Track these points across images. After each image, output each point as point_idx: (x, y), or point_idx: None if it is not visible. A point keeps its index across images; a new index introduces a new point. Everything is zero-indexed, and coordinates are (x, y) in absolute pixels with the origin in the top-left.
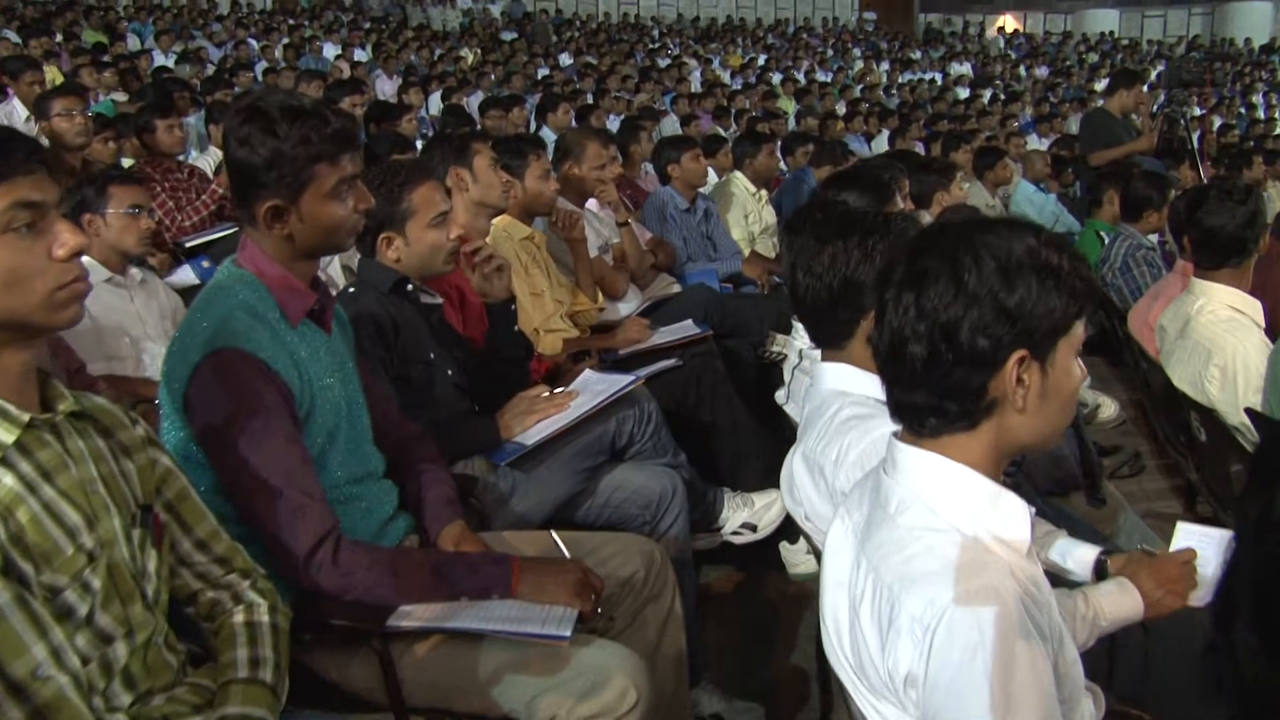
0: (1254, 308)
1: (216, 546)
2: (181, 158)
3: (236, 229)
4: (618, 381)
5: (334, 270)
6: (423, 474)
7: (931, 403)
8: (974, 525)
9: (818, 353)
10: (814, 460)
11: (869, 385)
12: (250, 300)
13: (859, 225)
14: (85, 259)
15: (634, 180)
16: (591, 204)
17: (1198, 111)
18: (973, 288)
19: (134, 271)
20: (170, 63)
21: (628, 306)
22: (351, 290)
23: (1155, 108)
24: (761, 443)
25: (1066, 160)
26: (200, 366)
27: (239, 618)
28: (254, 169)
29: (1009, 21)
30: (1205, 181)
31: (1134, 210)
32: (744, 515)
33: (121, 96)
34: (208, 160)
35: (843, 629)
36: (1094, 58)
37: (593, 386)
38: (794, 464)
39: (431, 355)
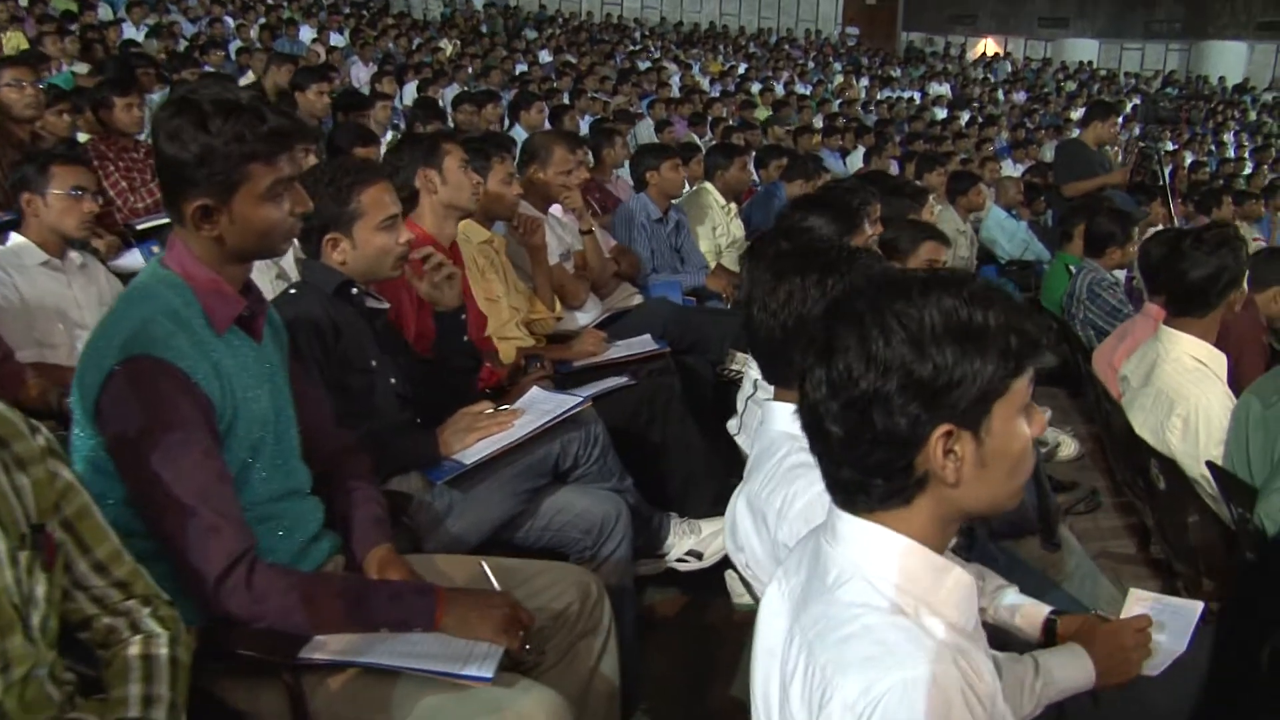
0: (1218, 360)
1: (117, 569)
2: (141, 136)
3: None
4: (565, 402)
5: (287, 263)
6: (353, 491)
7: (857, 480)
8: (916, 603)
9: (772, 388)
10: (758, 507)
11: None
12: (174, 304)
13: (818, 261)
14: (20, 239)
15: (604, 184)
16: (555, 209)
17: (1170, 147)
18: (882, 361)
19: (73, 255)
20: (140, 36)
21: (586, 316)
22: (293, 291)
23: (1124, 137)
24: (712, 468)
25: (1039, 188)
26: (114, 373)
27: (134, 649)
28: (183, 165)
29: (990, 45)
30: (1176, 218)
31: (1096, 246)
32: (690, 542)
33: (84, 68)
34: None
35: (772, 704)
36: (1072, 86)
37: (539, 405)
38: (738, 507)
39: (373, 363)
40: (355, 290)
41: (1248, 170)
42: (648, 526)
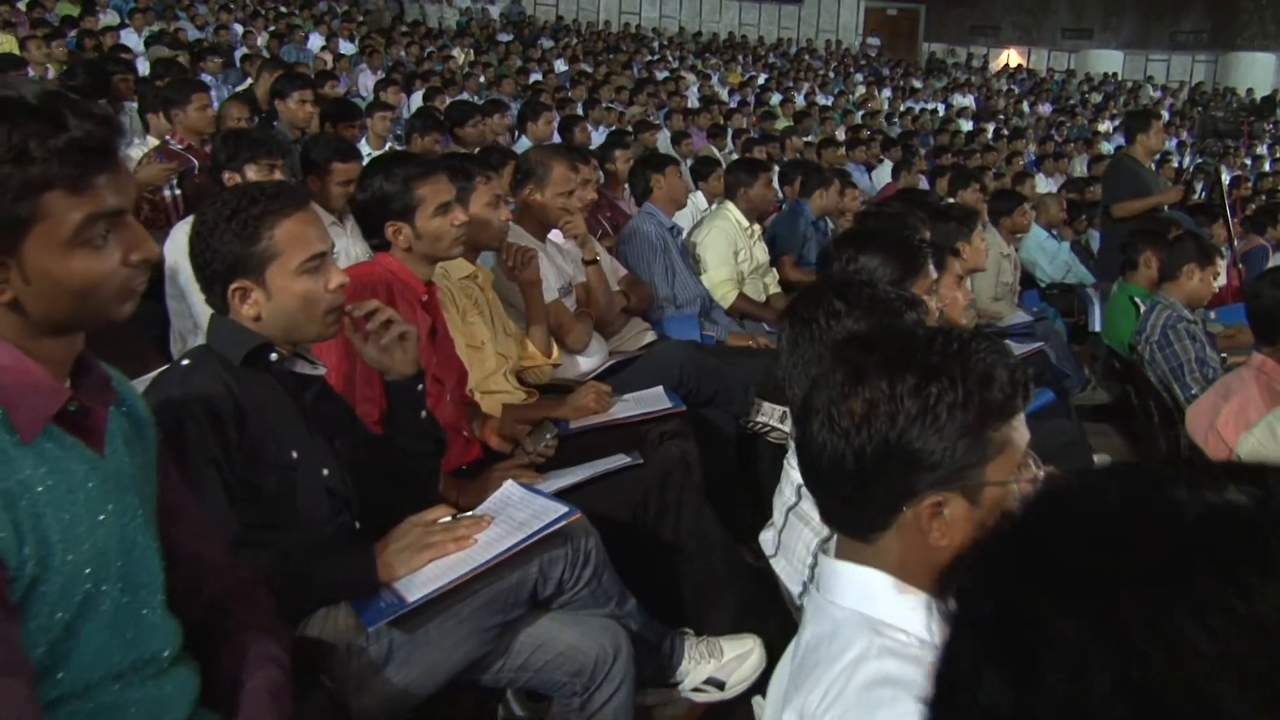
0: None
1: None
2: (127, 144)
3: None
4: (546, 512)
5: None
6: (246, 648)
7: None
8: None
9: (834, 535)
10: None
11: (914, 614)
12: None
13: (913, 360)
14: None
15: (616, 202)
16: (555, 235)
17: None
18: None
19: None
20: (140, 42)
21: (590, 361)
22: (186, 363)
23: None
24: (736, 569)
25: (1078, 205)
26: None
27: None
28: None
29: (1013, 56)
30: (1235, 239)
31: (1172, 266)
32: (709, 669)
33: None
34: (137, 152)
35: None
36: (1097, 98)
37: (512, 512)
38: None
39: (294, 454)
40: (274, 355)
41: None
42: (656, 653)
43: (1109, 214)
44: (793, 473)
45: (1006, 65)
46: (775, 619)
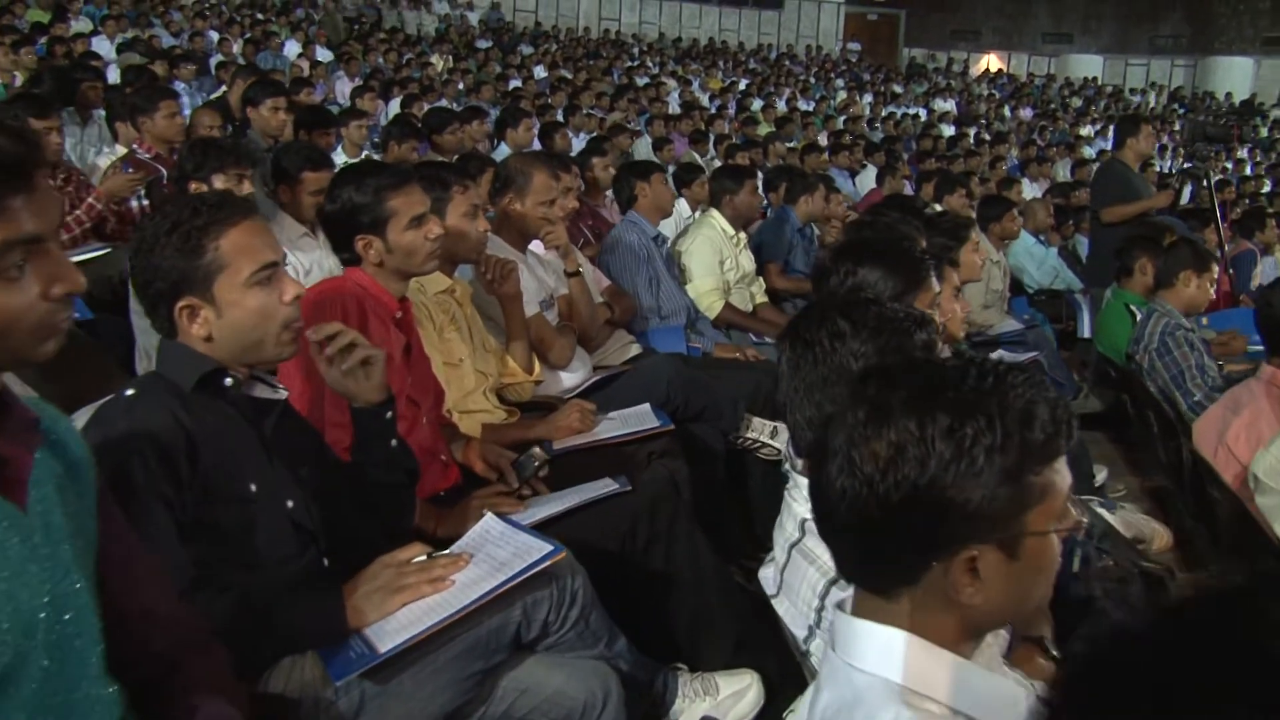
0: None
1: None
2: (96, 152)
3: (109, 250)
4: (530, 551)
5: None
6: (196, 711)
7: None
8: None
9: (847, 585)
10: None
11: (945, 680)
12: None
13: (944, 397)
14: None
15: (597, 209)
16: (536, 246)
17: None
18: None
19: None
20: (113, 49)
21: (573, 377)
22: (129, 393)
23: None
24: (730, 599)
25: (1064, 210)
26: None
27: None
28: None
29: (993, 61)
30: (1225, 244)
31: (1168, 273)
32: (704, 707)
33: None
34: (105, 161)
35: None
36: (1078, 102)
37: (492, 550)
38: None
39: (253, 486)
40: (229, 380)
41: (1266, 188)
42: (648, 692)
43: (1098, 219)
44: (794, 505)
45: (987, 70)
46: (773, 652)
